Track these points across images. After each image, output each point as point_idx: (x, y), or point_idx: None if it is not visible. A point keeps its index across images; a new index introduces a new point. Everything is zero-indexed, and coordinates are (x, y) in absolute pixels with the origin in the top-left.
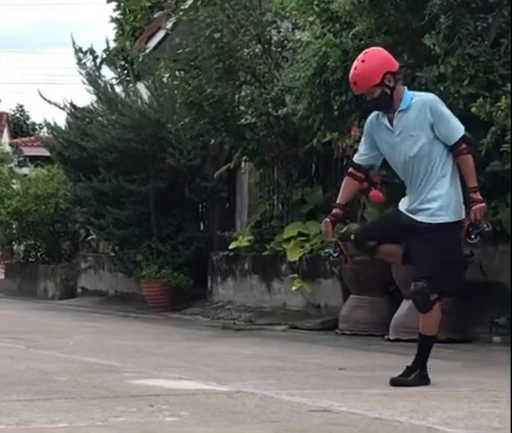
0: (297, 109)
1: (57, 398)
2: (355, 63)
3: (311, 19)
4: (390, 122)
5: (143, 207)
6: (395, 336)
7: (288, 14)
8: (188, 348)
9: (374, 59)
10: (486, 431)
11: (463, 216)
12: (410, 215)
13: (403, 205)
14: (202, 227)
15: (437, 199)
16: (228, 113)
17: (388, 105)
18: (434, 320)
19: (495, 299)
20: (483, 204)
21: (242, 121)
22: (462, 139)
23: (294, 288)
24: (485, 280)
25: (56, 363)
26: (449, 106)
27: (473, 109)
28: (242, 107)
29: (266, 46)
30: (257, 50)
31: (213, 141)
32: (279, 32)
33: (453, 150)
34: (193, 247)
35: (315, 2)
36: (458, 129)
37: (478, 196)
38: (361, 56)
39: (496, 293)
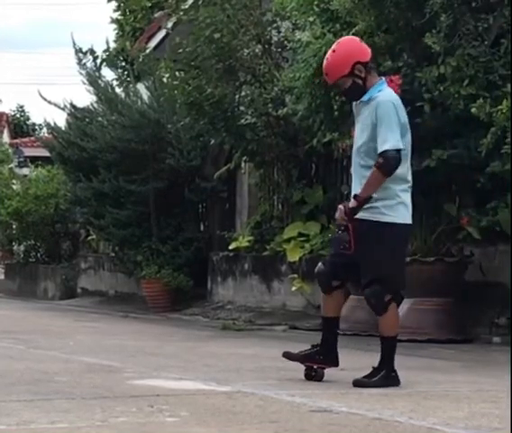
0: (296, 109)
1: (57, 398)
2: (327, 54)
3: (311, 19)
4: (359, 110)
5: (143, 208)
6: None
7: (288, 15)
8: (188, 348)
9: (344, 48)
10: (486, 432)
11: (407, 220)
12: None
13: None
14: (202, 228)
15: (377, 200)
16: (228, 113)
17: (362, 95)
18: (392, 321)
19: (495, 299)
20: (341, 207)
21: (243, 121)
22: (382, 155)
23: (294, 288)
24: (485, 281)
25: (56, 363)
26: (449, 107)
27: (473, 110)
28: (242, 108)
29: (266, 46)
30: (257, 50)
31: (213, 141)
32: (279, 32)
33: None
34: (193, 248)
35: (316, 2)
36: (385, 141)
37: (352, 202)
38: (333, 45)
39: (496, 293)
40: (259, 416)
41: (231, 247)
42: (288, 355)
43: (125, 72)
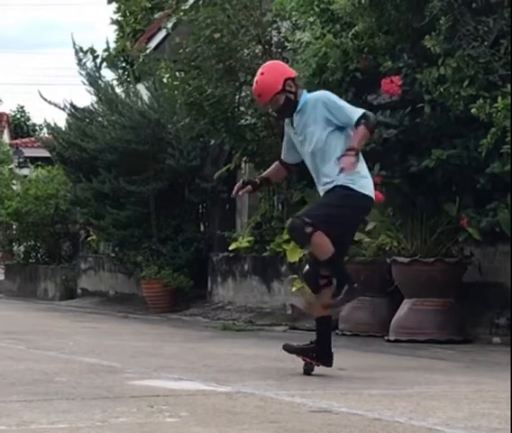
0: None
1: (57, 398)
2: (256, 78)
3: (311, 20)
4: (293, 124)
5: (143, 208)
6: (395, 336)
7: (288, 15)
8: (188, 349)
9: (273, 69)
10: (486, 432)
11: (368, 193)
12: (322, 188)
13: None
14: (202, 228)
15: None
16: (228, 113)
17: (294, 109)
18: (320, 246)
19: (495, 299)
20: (350, 155)
21: (243, 122)
22: (362, 117)
23: (294, 289)
24: (485, 281)
25: (56, 363)
26: (449, 108)
27: (473, 110)
28: (242, 108)
29: (266, 47)
30: (257, 50)
31: (213, 141)
32: (280, 32)
33: (356, 128)
34: (193, 248)
35: (316, 2)
36: (355, 111)
37: (350, 152)
38: (260, 70)
39: (496, 294)
40: (259, 416)
41: (231, 248)
42: (287, 348)
43: (125, 73)
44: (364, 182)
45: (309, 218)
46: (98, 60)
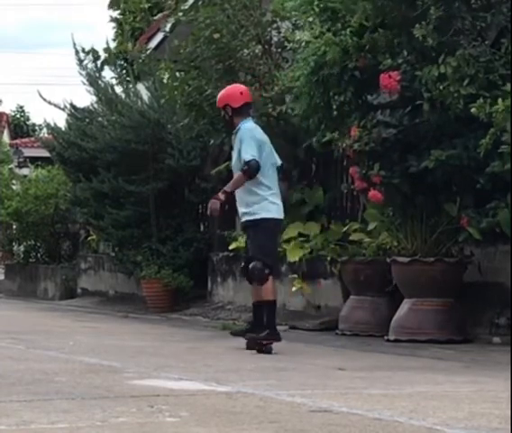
0: (295, 108)
1: (57, 398)
2: (229, 87)
3: (311, 19)
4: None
5: (143, 208)
6: (395, 336)
7: (288, 15)
8: (188, 349)
9: (225, 92)
10: (486, 432)
11: (276, 215)
12: (242, 219)
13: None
14: (202, 228)
15: (252, 205)
16: None
17: (231, 127)
18: (270, 288)
19: (495, 299)
20: (216, 199)
21: None
22: (245, 163)
23: (294, 288)
24: (485, 281)
25: (56, 363)
26: (449, 106)
27: (473, 110)
28: None
29: (266, 47)
30: (257, 50)
31: (212, 141)
32: (280, 32)
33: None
34: (193, 248)
35: (316, 2)
36: (245, 156)
37: (219, 194)
38: (240, 88)
39: (496, 294)
40: (259, 416)
41: (231, 247)
42: (233, 333)
43: (125, 72)
44: (271, 206)
45: (263, 262)
46: (99, 62)
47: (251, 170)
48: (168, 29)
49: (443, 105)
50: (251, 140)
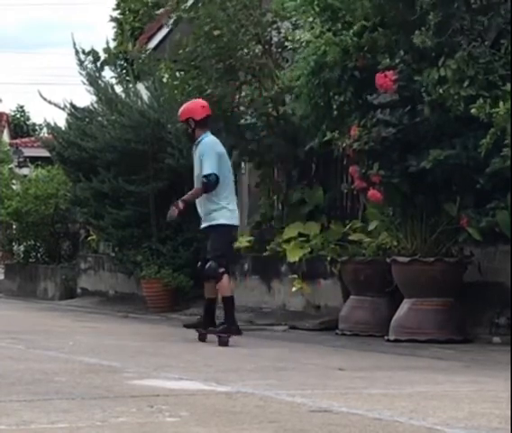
0: (295, 108)
1: (57, 398)
2: (192, 102)
3: (311, 19)
4: (194, 151)
5: (143, 208)
6: (395, 336)
7: (288, 15)
8: (188, 349)
9: (188, 106)
10: (486, 432)
11: (230, 221)
12: (202, 224)
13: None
14: None
15: (212, 212)
16: (228, 113)
17: (194, 141)
18: (226, 285)
19: (495, 299)
20: (173, 207)
21: (242, 121)
22: (205, 176)
23: (294, 288)
24: (485, 281)
25: (56, 363)
26: (449, 108)
27: (473, 110)
28: (242, 108)
29: (266, 46)
30: (257, 50)
31: None
32: (280, 32)
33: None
34: (193, 248)
35: (316, 2)
36: (205, 170)
37: (179, 203)
38: (200, 102)
39: (496, 293)
40: (259, 416)
41: None
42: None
43: (125, 72)
44: (226, 212)
45: (218, 262)
46: (99, 62)
47: (210, 184)
48: (170, 23)
49: (444, 107)
50: (211, 154)
